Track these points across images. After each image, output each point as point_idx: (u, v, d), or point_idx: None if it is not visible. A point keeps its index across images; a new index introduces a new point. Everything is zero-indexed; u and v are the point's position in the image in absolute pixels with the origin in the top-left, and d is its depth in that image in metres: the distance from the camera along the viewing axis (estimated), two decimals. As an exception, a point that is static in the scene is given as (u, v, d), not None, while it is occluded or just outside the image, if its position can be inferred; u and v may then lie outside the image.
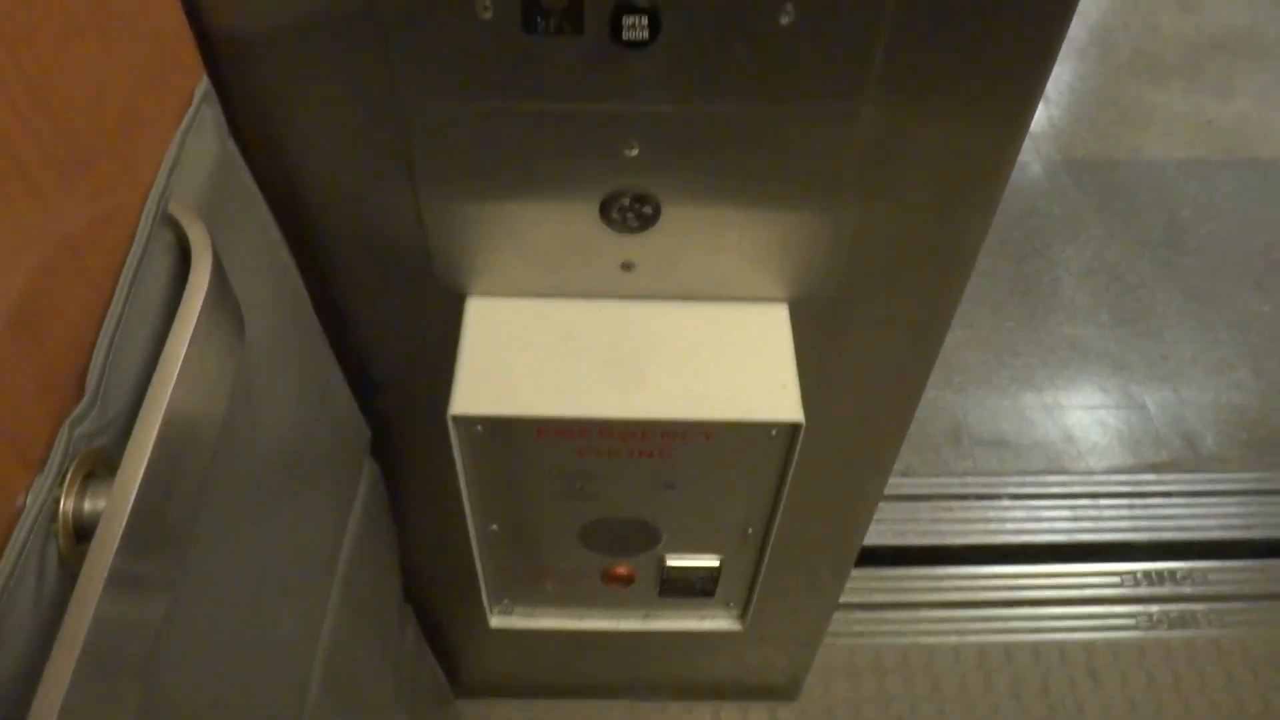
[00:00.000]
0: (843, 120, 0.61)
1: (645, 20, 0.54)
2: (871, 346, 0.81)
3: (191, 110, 0.55)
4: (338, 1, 0.56)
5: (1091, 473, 1.74)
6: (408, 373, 0.83)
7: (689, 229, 0.68)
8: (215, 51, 0.59)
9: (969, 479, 1.72)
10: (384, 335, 0.80)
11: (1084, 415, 1.83)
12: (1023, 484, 1.71)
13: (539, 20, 0.55)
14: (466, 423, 0.68)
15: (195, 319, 0.48)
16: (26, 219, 0.42)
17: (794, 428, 0.68)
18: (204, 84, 0.57)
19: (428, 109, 0.60)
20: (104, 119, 0.47)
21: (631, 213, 0.67)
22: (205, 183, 0.56)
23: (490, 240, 0.69)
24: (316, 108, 0.62)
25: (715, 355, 0.71)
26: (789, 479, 0.72)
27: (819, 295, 0.74)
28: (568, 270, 0.72)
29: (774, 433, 0.68)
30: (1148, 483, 1.72)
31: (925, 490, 1.70)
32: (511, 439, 0.69)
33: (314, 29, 0.58)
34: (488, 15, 0.55)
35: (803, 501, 0.90)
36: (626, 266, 0.72)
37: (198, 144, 0.56)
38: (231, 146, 0.60)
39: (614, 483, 0.74)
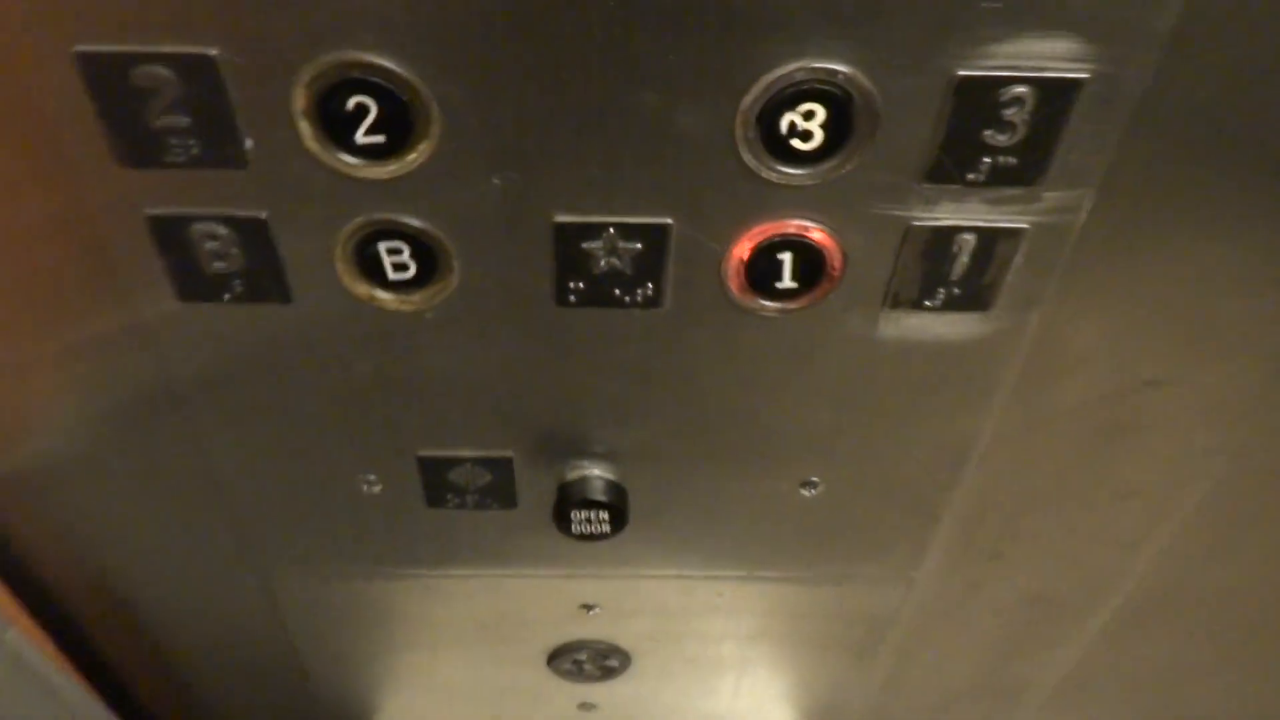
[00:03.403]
0: (889, 584, 0.43)
1: (604, 515, 0.36)
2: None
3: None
4: (156, 456, 0.38)
5: None
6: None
7: (670, 676, 0.50)
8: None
9: None
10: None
11: None
12: None
13: (450, 497, 0.38)
14: None
15: None
16: None
17: None
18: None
19: (295, 578, 0.42)
20: None
21: (591, 665, 0.49)
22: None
23: (400, 687, 0.51)
24: (154, 562, 0.44)
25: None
26: None
27: (842, 722, 0.56)
28: (507, 710, 0.53)
29: None
30: None
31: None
32: None
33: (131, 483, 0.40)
34: (374, 490, 0.38)
35: None
36: (586, 707, 0.53)
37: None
38: (12, 635, 0.42)
39: None
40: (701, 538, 0.40)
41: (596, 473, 0.36)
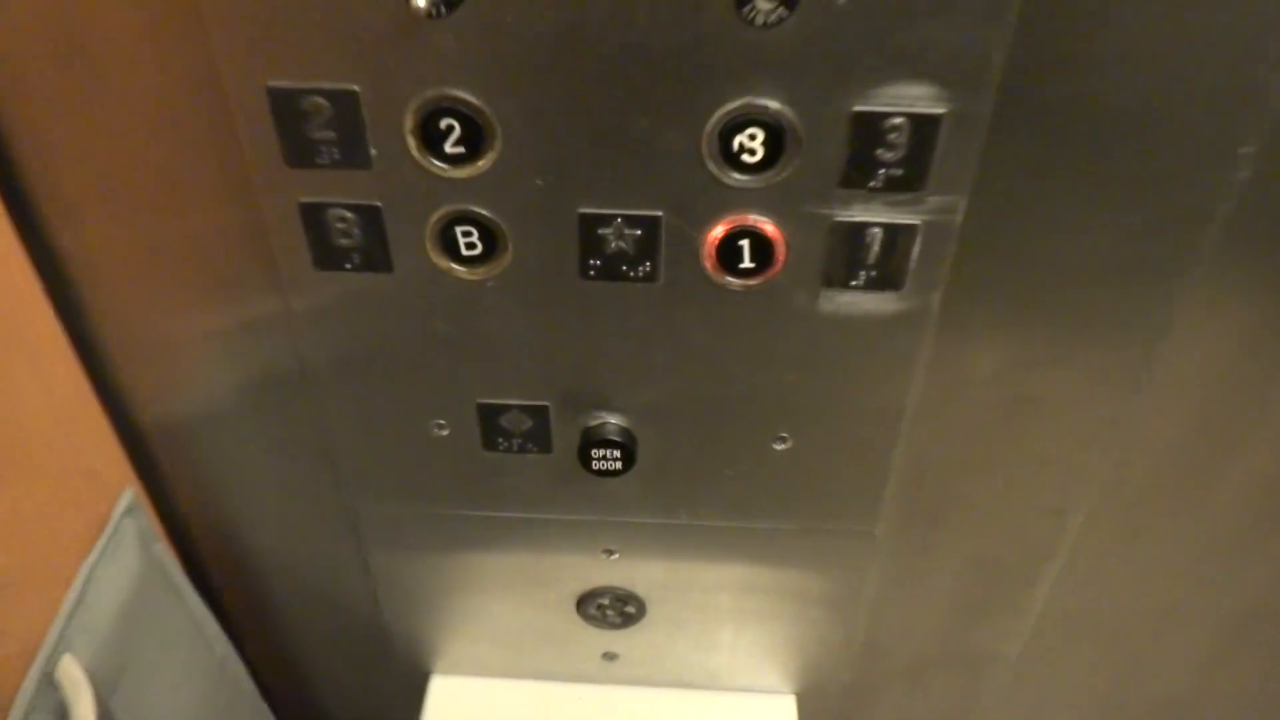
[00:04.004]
0: (855, 538, 0.53)
1: (617, 454, 0.47)
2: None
3: (107, 533, 0.49)
4: (276, 407, 0.50)
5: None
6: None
7: (678, 626, 0.60)
8: (147, 455, 0.53)
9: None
10: (343, 714, 0.71)
11: None
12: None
13: (500, 441, 0.49)
14: None
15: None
16: None
17: None
18: (125, 499, 0.50)
19: (378, 515, 0.54)
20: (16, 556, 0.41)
21: (612, 610, 0.59)
22: (121, 603, 0.50)
23: (455, 628, 0.61)
24: (268, 505, 0.56)
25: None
26: None
27: (831, 687, 0.64)
28: (542, 657, 0.63)
29: None
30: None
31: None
32: None
33: (256, 433, 0.52)
34: (443, 433, 0.49)
35: None
36: (609, 656, 0.63)
37: (112, 567, 0.49)
38: (158, 552, 0.53)
39: None
40: (697, 488, 0.51)
41: (612, 420, 0.47)
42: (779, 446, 0.48)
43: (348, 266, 0.42)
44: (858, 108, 0.36)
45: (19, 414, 0.43)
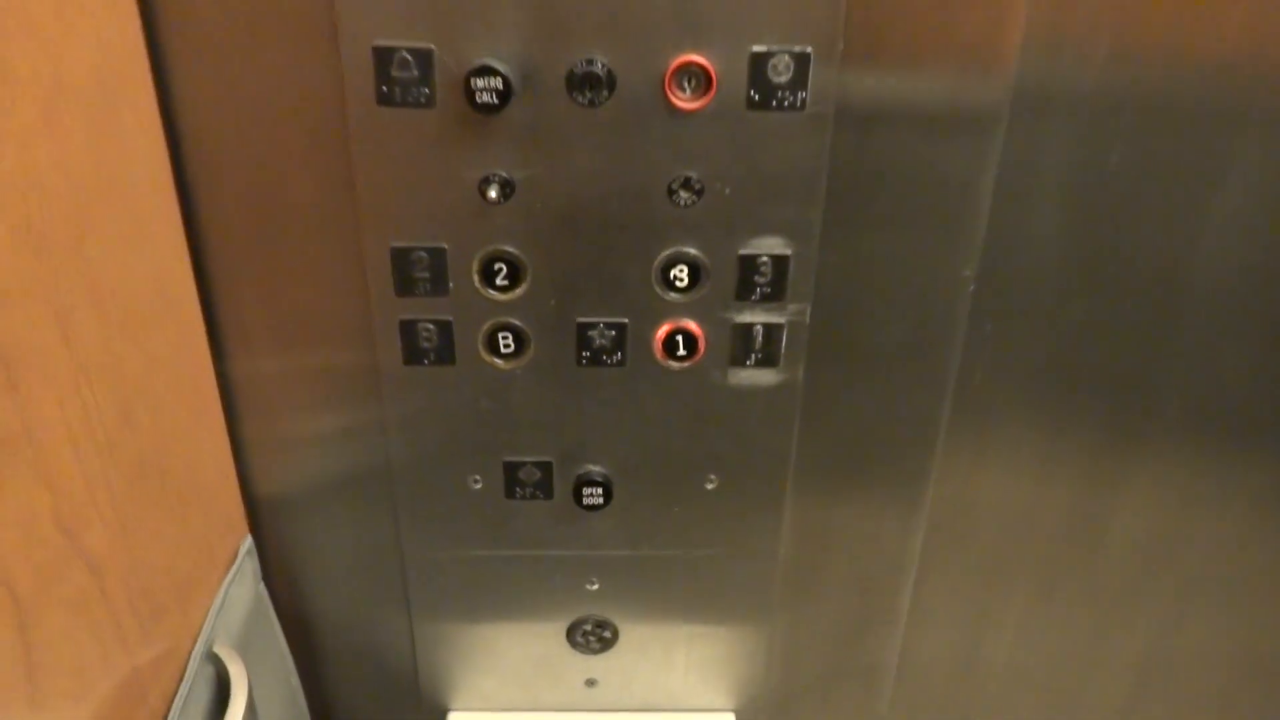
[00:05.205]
0: (764, 559, 0.75)
1: (600, 491, 0.70)
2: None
3: (235, 565, 0.69)
4: (359, 472, 0.72)
5: None
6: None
7: (644, 649, 0.80)
8: (257, 512, 0.74)
9: None
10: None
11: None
12: None
13: (518, 490, 0.71)
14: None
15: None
16: (109, 652, 0.54)
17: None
18: (247, 542, 0.71)
19: (424, 557, 0.74)
20: (174, 579, 0.61)
21: (594, 636, 0.79)
22: (241, 622, 0.69)
23: (471, 660, 0.81)
24: (335, 553, 0.76)
25: (670, 764, 0.80)
26: None
27: (761, 705, 0.84)
28: (538, 687, 0.82)
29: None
30: None
31: None
32: None
33: (338, 493, 0.73)
34: (477, 487, 0.71)
35: None
36: (590, 683, 0.82)
37: (238, 591, 0.69)
38: (262, 589, 0.73)
39: None
40: (654, 521, 0.73)
41: (596, 468, 0.70)
42: (709, 485, 0.71)
43: (425, 363, 0.65)
44: (741, 252, 0.61)
45: (199, 477, 0.64)
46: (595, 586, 0.76)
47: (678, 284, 0.62)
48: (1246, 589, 0.80)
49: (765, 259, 0.61)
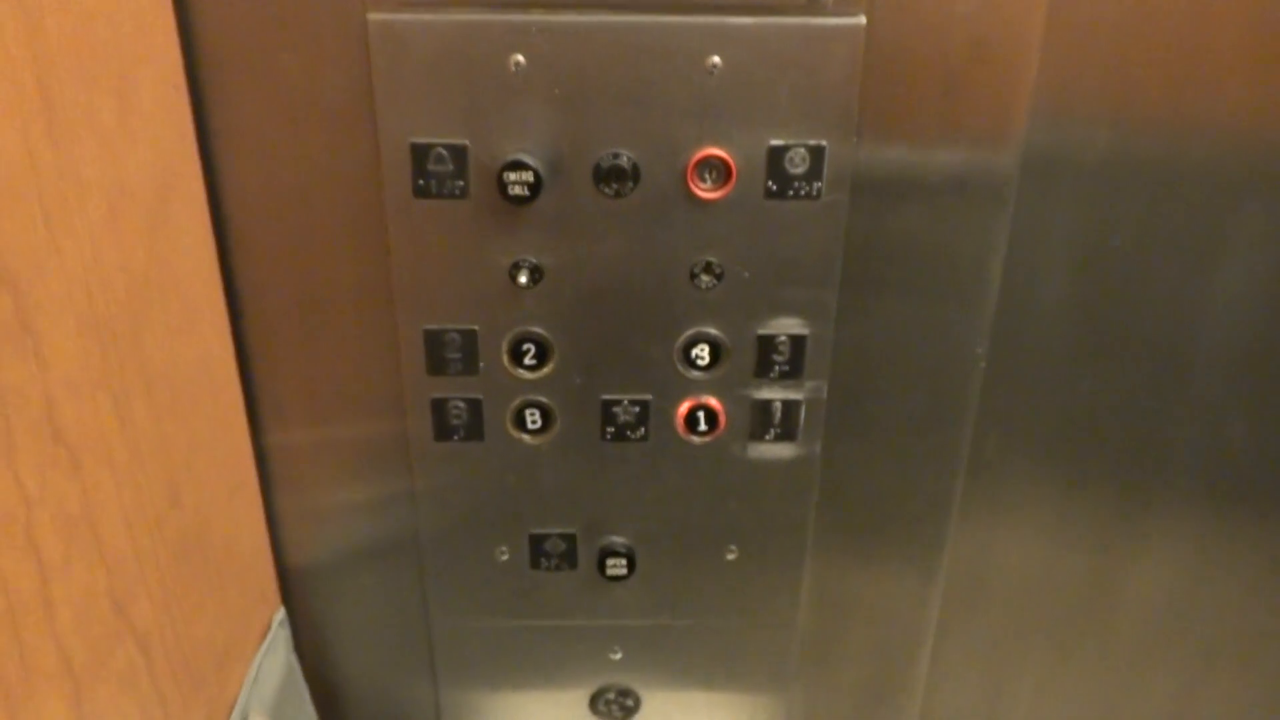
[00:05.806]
0: (784, 628, 0.77)
1: (624, 561, 0.72)
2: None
3: (269, 635, 0.71)
4: (388, 543, 0.74)
5: None
6: None
7: (666, 717, 0.81)
8: (289, 582, 0.75)
9: None
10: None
11: None
12: None
13: (543, 560, 0.73)
14: None
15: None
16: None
17: None
18: (280, 613, 0.73)
19: (451, 626, 0.76)
20: (212, 650, 0.63)
21: (616, 705, 0.80)
22: (274, 692, 0.70)
23: (497, 730, 0.82)
24: (364, 623, 0.78)
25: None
26: None
27: (782, 773, 0.85)
28: (562, 755, 0.83)
29: None
30: None
31: None
32: None
33: (368, 563, 0.75)
34: (504, 558, 0.73)
35: None
36: (613, 751, 0.83)
37: (272, 661, 0.71)
38: (294, 659, 0.75)
39: None
40: (677, 591, 0.74)
41: (619, 539, 0.72)
42: (730, 556, 0.73)
43: (455, 438, 0.68)
44: (760, 332, 0.64)
45: (236, 550, 0.66)
46: (618, 655, 0.78)
47: (699, 363, 0.65)
48: (1265, 650, 0.81)
49: (783, 339, 0.64)
